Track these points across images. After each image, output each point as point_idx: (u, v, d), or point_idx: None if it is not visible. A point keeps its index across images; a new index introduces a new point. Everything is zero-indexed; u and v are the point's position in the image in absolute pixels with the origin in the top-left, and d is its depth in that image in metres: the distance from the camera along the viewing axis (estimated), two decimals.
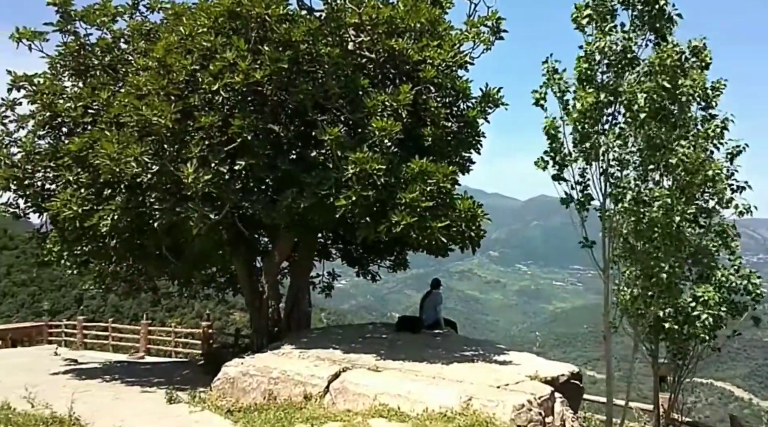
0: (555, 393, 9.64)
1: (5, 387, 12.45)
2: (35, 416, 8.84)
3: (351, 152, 10.77)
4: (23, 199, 13.90)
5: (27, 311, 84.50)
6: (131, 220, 12.53)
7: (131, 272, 16.19)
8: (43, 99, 13.48)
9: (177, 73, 11.38)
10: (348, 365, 10.80)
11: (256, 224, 13.93)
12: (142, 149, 11.09)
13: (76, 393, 12.22)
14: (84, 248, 13.51)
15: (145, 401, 11.50)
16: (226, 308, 64.01)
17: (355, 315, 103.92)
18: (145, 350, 21.44)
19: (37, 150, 13.72)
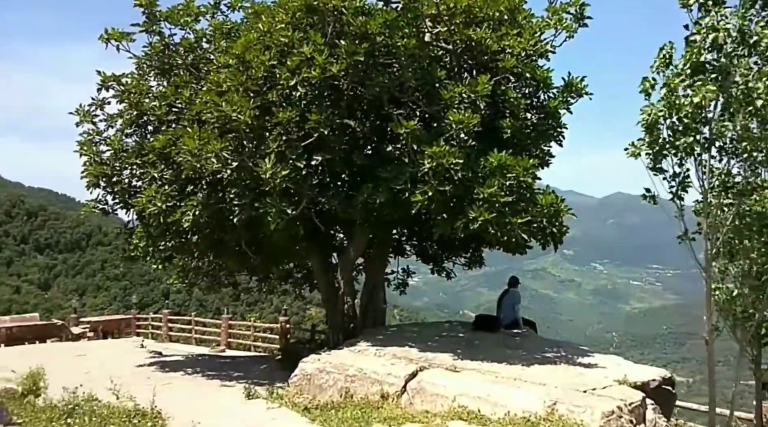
0: (646, 399, 8.90)
1: (94, 378, 12.75)
2: (119, 408, 8.88)
3: (427, 146, 10.36)
4: (111, 196, 14.24)
5: (119, 303, 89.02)
6: (212, 215, 12.59)
7: (213, 267, 16.38)
8: (130, 98, 13.79)
9: (255, 69, 11.31)
10: (425, 364, 10.39)
11: (332, 220, 13.74)
12: (222, 145, 11.08)
13: (158, 386, 12.39)
14: (168, 244, 13.70)
15: (224, 395, 11.47)
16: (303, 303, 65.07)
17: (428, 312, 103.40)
18: (226, 344, 21.75)
19: (124, 148, 14.04)
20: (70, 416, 8.22)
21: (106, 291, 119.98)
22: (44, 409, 8.67)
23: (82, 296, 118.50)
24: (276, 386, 12.34)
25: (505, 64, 10.90)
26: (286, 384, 11.76)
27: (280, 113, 11.11)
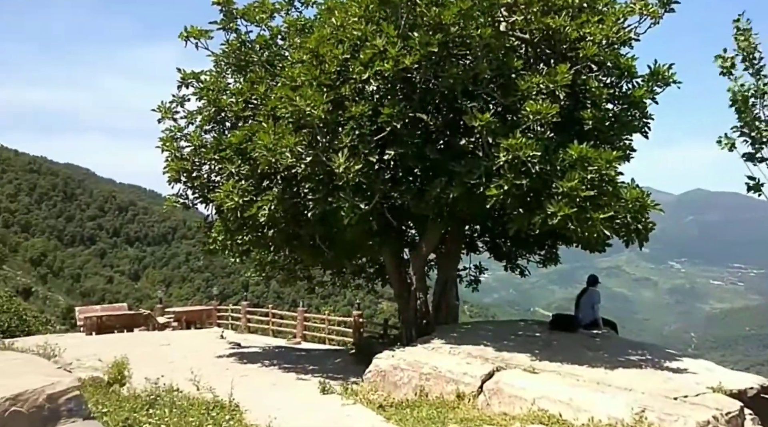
0: (744, 409, 8.09)
1: (176, 368, 12.97)
2: (198, 400, 8.88)
3: (503, 138, 9.85)
4: (191, 191, 14.44)
5: (201, 294, 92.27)
6: (287, 210, 12.54)
7: (288, 260, 16.41)
8: (208, 95, 13.91)
9: (329, 63, 11.13)
10: (501, 364, 9.91)
11: (404, 215, 13.44)
12: (296, 140, 10.96)
13: (236, 377, 12.46)
14: (245, 237, 13.78)
15: (299, 389, 11.39)
16: (375, 297, 65.40)
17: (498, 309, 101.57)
18: (302, 336, 21.90)
19: (203, 143, 14.20)
20: (152, 406, 8.26)
21: (190, 282, 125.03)
22: (127, 398, 8.77)
23: (168, 287, 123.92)
24: (350, 381, 12.16)
25: (586, 53, 10.21)
26: (360, 379, 11.56)
27: (353, 107, 10.89)
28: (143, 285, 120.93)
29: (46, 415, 3.88)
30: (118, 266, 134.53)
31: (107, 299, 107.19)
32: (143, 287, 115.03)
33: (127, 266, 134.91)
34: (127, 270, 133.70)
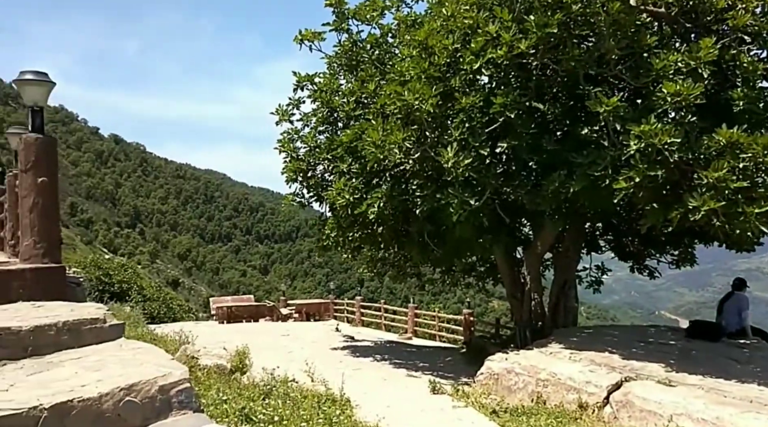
0: None
1: (294, 359, 12.65)
2: (311, 392, 8.31)
3: (634, 125, 8.37)
4: (307, 190, 14.16)
5: (321, 288, 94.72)
6: (395, 207, 11.81)
7: (398, 257, 15.75)
8: (322, 97, 13.54)
9: (438, 54, 10.22)
10: (631, 374, 8.48)
11: (518, 211, 12.25)
12: (404, 135, 10.15)
13: (349, 371, 11.92)
14: (356, 234, 13.25)
15: (409, 386, 10.56)
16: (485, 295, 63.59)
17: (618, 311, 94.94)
18: (413, 332, 21.18)
19: (317, 144, 13.87)
20: (268, 396, 7.79)
21: (311, 277, 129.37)
22: (247, 387, 8.39)
23: (292, 281, 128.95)
24: (461, 381, 11.20)
25: (736, 23, 8.48)
26: (472, 381, 10.56)
27: (463, 99, 9.91)
28: (271, 278, 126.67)
29: (158, 406, 3.57)
30: (250, 261, 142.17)
31: (241, 291, 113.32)
32: (271, 280, 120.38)
33: (258, 260, 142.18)
34: (258, 265, 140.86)
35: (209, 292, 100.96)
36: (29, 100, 5.87)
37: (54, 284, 5.54)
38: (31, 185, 5.66)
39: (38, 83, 5.76)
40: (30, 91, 5.74)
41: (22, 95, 5.84)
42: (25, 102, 5.92)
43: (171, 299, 32.13)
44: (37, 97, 5.88)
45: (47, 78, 5.83)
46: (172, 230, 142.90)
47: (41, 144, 5.76)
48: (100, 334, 4.58)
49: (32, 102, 5.88)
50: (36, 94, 5.86)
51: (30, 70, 5.82)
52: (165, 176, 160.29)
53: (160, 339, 12.21)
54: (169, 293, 42.47)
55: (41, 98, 5.87)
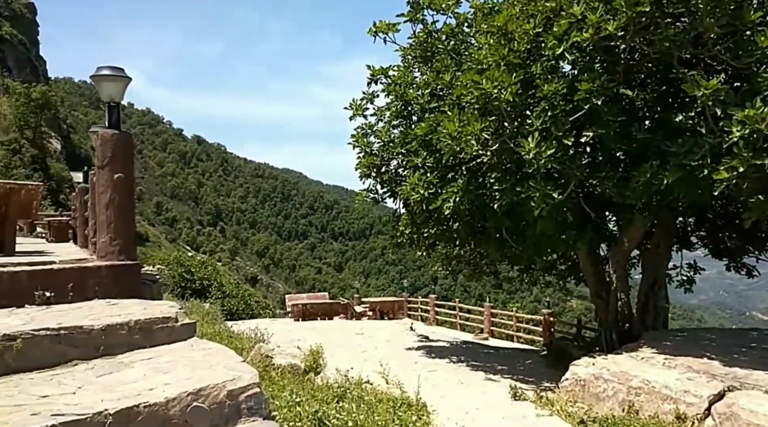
0: None
1: (368, 358, 12.50)
2: (386, 395, 8.05)
3: (736, 110, 7.58)
4: (380, 185, 13.96)
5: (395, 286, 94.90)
6: (472, 202, 11.39)
7: (474, 255, 15.27)
8: (396, 90, 13.31)
9: (518, 40, 9.72)
10: (734, 383, 7.70)
11: (604, 205, 11.52)
12: (482, 126, 9.71)
13: (424, 373, 11.60)
14: (430, 231, 12.92)
15: (488, 390, 10.13)
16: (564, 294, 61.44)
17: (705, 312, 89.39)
18: (489, 332, 20.59)
19: (391, 138, 13.64)
20: (341, 399, 7.60)
21: (385, 274, 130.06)
22: (321, 388, 8.23)
23: (366, 278, 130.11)
24: (543, 386, 10.66)
25: None
26: (555, 385, 10.01)
27: (545, 86, 9.36)
28: (346, 276, 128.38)
29: (226, 412, 3.40)
30: (325, 258, 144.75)
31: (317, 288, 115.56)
32: (345, 278, 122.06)
33: (332, 258, 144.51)
34: (333, 262, 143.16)
35: (286, 289, 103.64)
36: (106, 95, 5.92)
37: (129, 281, 5.55)
38: (108, 181, 5.70)
39: (114, 79, 5.80)
40: (106, 86, 5.79)
41: (99, 91, 5.90)
42: (102, 98, 5.98)
43: (249, 295, 32.98)
44: (113, 92, 5.92)
45: (123, 73, 5.86)
46: (251, 228, 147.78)
47: (117, 140, 5.79)
48: (171, 333, 4.48)
49: (109, 97, 5.93)
50: (112, 90, 5.90)
51: (106, 66, 5.89)
52: (244, 175, 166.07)
53: (237, 336, 12.37)
54: (248, 289, 43.79)
55: (117, 94, 5.91)
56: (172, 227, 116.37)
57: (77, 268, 5.09)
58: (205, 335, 11.35)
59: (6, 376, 3.47)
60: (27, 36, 57.83)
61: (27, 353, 3.60)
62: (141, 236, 68.53)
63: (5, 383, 3.35)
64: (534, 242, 12.04)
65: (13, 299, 4.54)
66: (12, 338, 3.55)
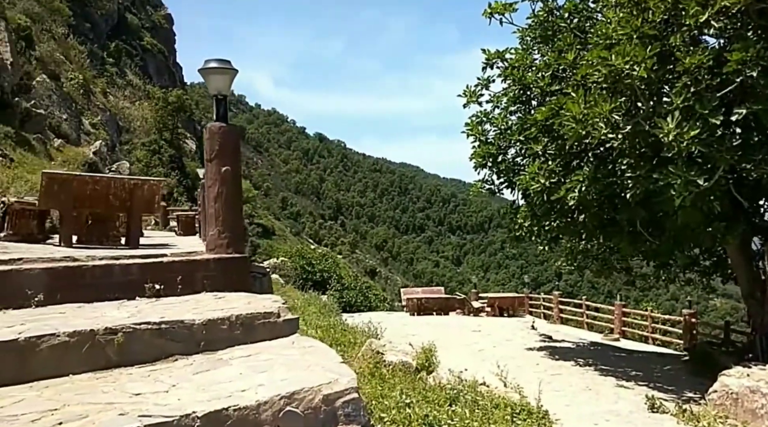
0: None
1: (485, 358, 11.96)
2: (504, 400, 7.51)
3: None
4: (497, 176, 13.31)
5: (516, 281, 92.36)
6: (600, 191, 10.47)
7: (602, 249, 14.12)
8: (514, 74, 12.60)
9: (654, 9, 8.70)
10: None
11: (758, 192, 10.09)
12: (611, 107, 8.80)
13: (546, 376, 10.87)
14: (552, 223, 12.06)
15: (620, 399, 9.21)
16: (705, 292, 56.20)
17: None
18: (620, 332, 19.13)
19: (508, 125, 12.96)
20: (454, 402, 7.18)
21: (505, 269, 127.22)
22: (433, 389, 7.87)
23: (485, 272, 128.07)
24: (685, 396, 9.55)
25: None
26: (700, 397, 8.90)
27: (686, 59, 8.27)
28: (464, 270, 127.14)
29: (321, 418, 3.18)
30: (443, 252, 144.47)
31: (435, 282, 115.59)
32: (464, 272, 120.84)
33: (450, 252, 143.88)
34: (450, 256, 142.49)
35: (404, 282, 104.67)
36: (213, 88, 5.94)
37: (237, 274, 5.52)
38: (215, 175, 5.70)
39: (221, 71, 5.80)
40: (214, 79, 5.81)
41: (207, 84, 5.93)
42: (210, 91, 6.01)
43: (368, 288, 33.46)
44: (220, 85, 5.93)
45: (230, 65, 5.86)
46: (370, 222, 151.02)
47: (225, 133, 5.78)
48: (273, 329, 4.33)
49: (216, 90, 5.95)
50: (219, 83, 5.91)
51: (214, 59, 5.90)
52: (363, 171, 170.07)
53: (350, 330, 12.35)
54: (366, 282, 44.55)
55: (224, 86, 5.91)
56: (296, 221, 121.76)
57: (186, 261, 5.12)
58: (320, 327, 11.45)
59: (107, 370, 3.46)
60: (165, 45, 62.80)
61: (128, 348, 3.58)
62: (267, 229, 72.35)
63: (104, 378, 3.32)
64: (673, 236, 10.84)
65: (126, 291, 4.63)
66: (113, 331, 3.54)
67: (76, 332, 3.39)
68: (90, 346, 3.41)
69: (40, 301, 4.07)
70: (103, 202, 7.37)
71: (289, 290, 24.56)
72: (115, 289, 4.53)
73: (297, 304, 15.80)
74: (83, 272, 4.44)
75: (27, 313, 3.85)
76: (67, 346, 3.34)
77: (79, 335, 3.40)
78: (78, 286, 4.35)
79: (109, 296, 4.47)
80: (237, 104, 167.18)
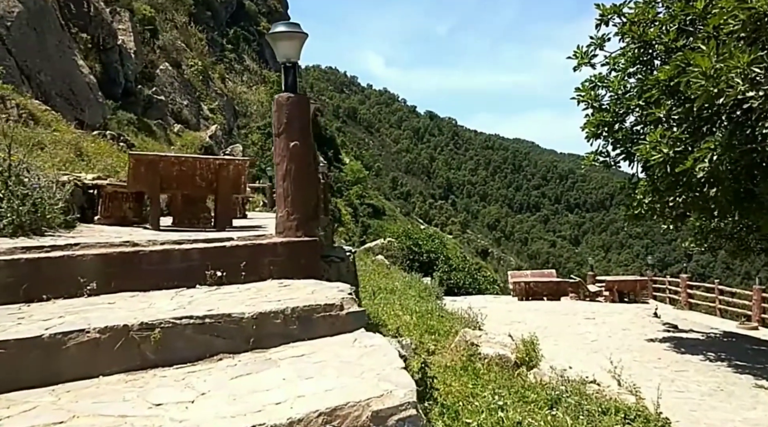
0: None
1: (597, 349, 10.90)
2: (615, 403, 6.57)
3: None
4: (612, 146, 11.98)
5: (640, 261, 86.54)
6: (736, 161, 9.02)
7: (739, 227, 12.40)
8: (633, 30, 11.14)
9: None
10: None
11: None
12: (750, 58, 7.41)
13: (669, 373, 9.67)
14: (678, 199, 10.65)
15: (758, 403, 7.87)
16: None
17: None
18: (758, 320, 16.98)
19: (626, 90, 11.59)
20: (556, 405, 6.41)
21: (628, 249, 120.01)
22: (533, 387, 7.10)
23: (606, 253, 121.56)
24: None
25: None
26: None
27: None
28: (582, 250, 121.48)
29: None
30: (559, 231, 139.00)
31: (551, 263, 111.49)
32: (582, 252, 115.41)
33: (567, 231, 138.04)
34: (568, 235, 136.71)
35: (518, 263, 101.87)
36: (281, 55, 5.51)
37: (307, 259, 5.11)
38: (284, 150, 5.31)
39: (289, 36, 5.34)
40: (282, 45, 5.37)
41: (275, 51, 5.52)
42: (278, 58, 5.59)
43: (477, 269, 32.59)
44: (288, 51, 5.48)
45: (299, 29, 5.39)
46: (482, 201, 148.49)
47: (293, 104, 5.35)
48: (335, 323, 3.86)
49: (285, 57, 5.51)
50: (288, 49, 5.47)
51: (282, 22, 5.48)
52: (474, 148, 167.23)
53: (449, 316, 11.73)
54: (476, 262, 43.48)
55: (293, 52, 5.47)
56: (407, 201, 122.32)
57: (251, 245, 4.79)
58: (416, 312, 10.98)
59: (142, 370, 3.15)
60: None
61: (167, 345, 3.25)
62: (378, 209, 73.14)
63: (134, 381, 3.01)
64: None
65: (186, 278, 4.36)
66: (150, 327, 3.22)
67: (108, 328, 3.10)
68: (123, 343, 3.10)
69: (93, 289, 3.88)
70: (190, 184, 7.29)
71: (394, 271, 24.37)
72: (175, 276, 4.28)
73: (397, 286, 15.43)
74: (140, 258, 4.23)
75: (74, 303, 3.67)
76: (98, 343, 3.05)
77: (111, 332, 3.10)
78: (134, 273, 4.13)
79: (168, 284, 4.22)
80: (349, 86, 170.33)
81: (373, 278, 15.97)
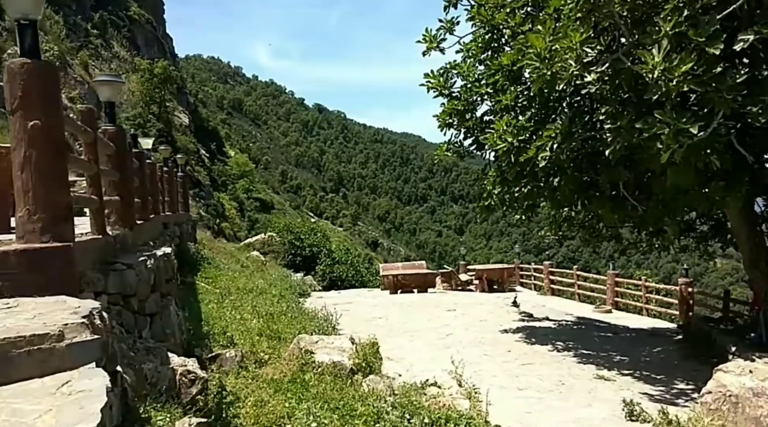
0: None
1: (450, 346, 10.30)
2: (447, 412, 5.74)
3: None
4: (464, 136, 11.45)
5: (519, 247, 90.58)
6: (577, 149, 8.68)
7: (588, 216, 12.35)
8: (481, 13, 10.57)
9: None
10: None
11: (765, 143, 8.27)
12: (582, 38, 6.94)
13: (516, 367, 9.25)
14: (523, 189, 10.25)
15: (595, 400, 7.48)
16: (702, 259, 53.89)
17: None
18: (612, 304, 17.49)
19: (477, 77, 11.05)
20: (380, 419, 5.53)
21: (507, 237, 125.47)
22: (363, 398, 6.19)
23: (488, 241, 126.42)
24: (674, 390, 7.95)
25: None
26: (692, 388, 7.29)
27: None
28: (467, 239, 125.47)
29: None
30: (445, 222, 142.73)
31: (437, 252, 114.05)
32: (467, 241, 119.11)
33: (453, 221, 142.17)
34: (453, 225, 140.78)
35: (407, 253, 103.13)
36: (13, 10, 4.16)
37: (58, 271, 3.81)
38: (20, 132, 3.98)
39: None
40: None
41: (5, 7, 4.14)
42: (10, 13, 4.23)
43: (360, 261, 31.72)
44: (24, 5, 4.15)
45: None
46: (372, 193, 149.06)
47: (31, 72, 4.02)
48: (48, 361, 2.68)
49: (19, 13, 4.16)
50: (22, 2, 4.13)
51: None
52: (364, 142, 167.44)
53: (302, 317, 10.74)
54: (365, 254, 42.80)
55: (31, 7, 4.13)
56: (297, 194, 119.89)
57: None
58: (264, 316, 9.85)
59: None
60: (153, 15, 60.27)
61: None
62: (266, 203, 70.60)
63: None
64: (662, 199, 9.00)
65: None
66: None
67: None
68: None
69: None
70: None
71: (271, 267, 22.97)
72: None
73: (260, 284, 14.20)
74: None
75: None
76: None
77: None
78: None
79: None
80: (234, 77, 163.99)
81: (238, 278, 14.62)
